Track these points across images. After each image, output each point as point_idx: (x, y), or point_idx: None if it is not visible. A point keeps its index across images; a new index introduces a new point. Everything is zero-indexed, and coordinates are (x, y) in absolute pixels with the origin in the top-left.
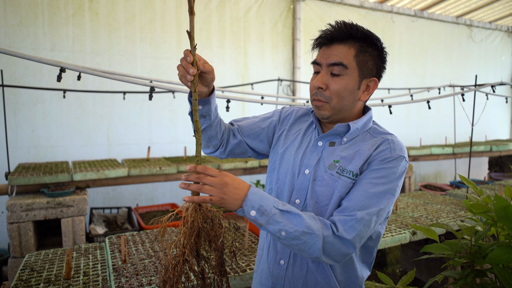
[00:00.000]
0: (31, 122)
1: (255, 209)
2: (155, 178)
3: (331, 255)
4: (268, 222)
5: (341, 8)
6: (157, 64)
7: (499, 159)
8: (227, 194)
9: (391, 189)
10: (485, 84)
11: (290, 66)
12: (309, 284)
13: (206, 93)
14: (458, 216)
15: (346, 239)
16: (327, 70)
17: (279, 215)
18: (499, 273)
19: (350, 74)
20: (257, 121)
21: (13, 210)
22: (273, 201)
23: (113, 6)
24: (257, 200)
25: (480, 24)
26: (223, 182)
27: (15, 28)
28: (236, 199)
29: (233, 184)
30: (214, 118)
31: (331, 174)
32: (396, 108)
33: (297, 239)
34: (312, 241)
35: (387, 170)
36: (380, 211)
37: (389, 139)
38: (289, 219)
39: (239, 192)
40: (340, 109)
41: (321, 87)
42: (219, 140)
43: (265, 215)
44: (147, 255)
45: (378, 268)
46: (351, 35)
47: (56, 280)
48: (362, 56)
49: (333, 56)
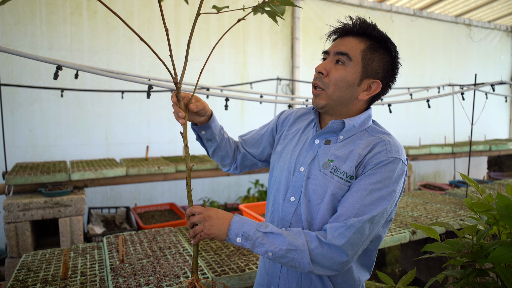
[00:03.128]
0: (28, 121)
1: (239, 235)
2: (154, 178)
3: (325, 266)
4: (254, 246)
5: (340, 7)
6: (156, 63)
7: (498, 158)
8: (212, 226)
9: (386, 195)
10: (484, 83)
11: (289, 65)
12: (303, 282)
13: (206, 119)
14: (457, 215)
15: (335, 245)
16: (333, 58)
17: (262, 237)
18: (501, 272)
19: (353, 67)
20: (258, 130)
21: (10, 209)
22: (257, 225)
23: (111, 4)
24: (240, 227)
25: (479, 24)
26: (206, 216)
27: (13, 27)
28: (222, 230)
29: (216, 216)
30: (220, 139)
31: (325, 173)
32: (396, 107)
33: (284, 257)
34: (299, 257)
35: (383, 175)
36: (374, 218)
37: (385, 140)
38: (272, 239)
39: (223, 222)
40: (336, 100)
41: (322, 72)
42: (231, 158)
43: (249, 240)
44: (145, 255)
45: (377, 267)
46: (366, 31)
47: (53, 280)
48: (370, 54)
49: (342, 46)
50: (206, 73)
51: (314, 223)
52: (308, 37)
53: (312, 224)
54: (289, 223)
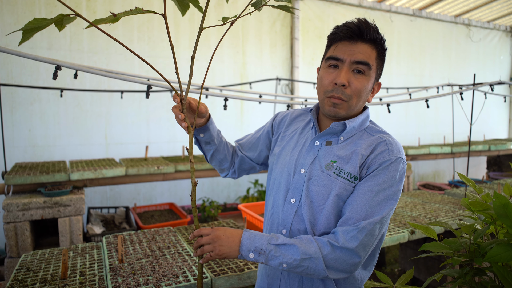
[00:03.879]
0: (28, 121)
1: (251, 251)
2: (153, 178)
3: (339, 269)
4: (268, 259)
5: (340, 7)
6: (155, 63)
7: (498, 158)
8: (223, 245)
9: (392, 195)
10: (483, 83)
11: (289, 65)
12: (305, 284)
13: (204, 121)
14: (456, 215)
15: (349, 249)
16: (351, 67)
17: (275, 250)
18: (498, 271)
19: (371, 75)
20: (254, 133)
21: (9, 209)
22: (267, 238)
23: (110, 4)
24: (251, 242)
25: (479, 24)
26: (215, 236)
27: (12, 27)
28: (233, 247)
29: (225, 235)
30: (218, 142)
31: (328, 174)
32: (395, 107)
33: (299, 267)
34: (314, 265)
35: (387, 175)
36: (383, 219)
37: (386, 140)
38: (285, 251)
39: (233, 240)
40: (353, 109)
41: (345, 84)
42: (230, 162)
43: (262, 254)
44: (145, 254)
45: (376, 267)
46: (374, 38)
47: (52, 280)
48: (379, 59)
49: (359, 54)
50: (205, 72)
51: (317, 223)
52: (308, 37)
53: (315, 224)
54: (290, 225)
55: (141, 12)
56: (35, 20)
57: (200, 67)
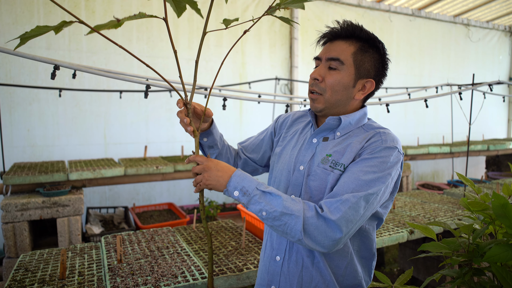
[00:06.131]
0: (26, 121)
1: (237, 189)
2: (152, 178)
3: (316, 240)
4: (249, 202)
5: (339, 7)
6: (154, 63)
7: (497, 158)
8: (211, 177)
9: (382, 177)
10: (482, 83)
11: (288, 65)
12: (304, 279)
13: (207, 126)
14: (455, 215)
15: (330, 219)
16: (326, 64)
17: (260, 196)
18: (497, 271)
19: (346, 70)
20: (257, 135)
21: (8, 209)
22: (257, 183)
23: (109, 4)
24: (240, 181)
25: (478, 24)
26: (206, 166)
27: (10, 27)
28: (220, 182)
29: (216, 168)
30: (221, 146)
31: (324, 168)
32: (394, 107)
33: (277, 220)
34: (292, 223)
35: (379, 159)
36: (369, 196)
37: (381, 132)
38: (269, 200)
39: (222, 174)
40: (333, 103)
41: (317, 79)
42: (232, 165)
43: (246, 195)
44: (143, 254)
45: (376, 267)
46: (354, 34)
47: (51, 280)
48: (361, 55)
49: (333, 52)
50: (205, 72)
51: None
52: (307, 37)
53: None
54: None
55: (144, 17)
56: (37, 28)
57: (200, 67)
